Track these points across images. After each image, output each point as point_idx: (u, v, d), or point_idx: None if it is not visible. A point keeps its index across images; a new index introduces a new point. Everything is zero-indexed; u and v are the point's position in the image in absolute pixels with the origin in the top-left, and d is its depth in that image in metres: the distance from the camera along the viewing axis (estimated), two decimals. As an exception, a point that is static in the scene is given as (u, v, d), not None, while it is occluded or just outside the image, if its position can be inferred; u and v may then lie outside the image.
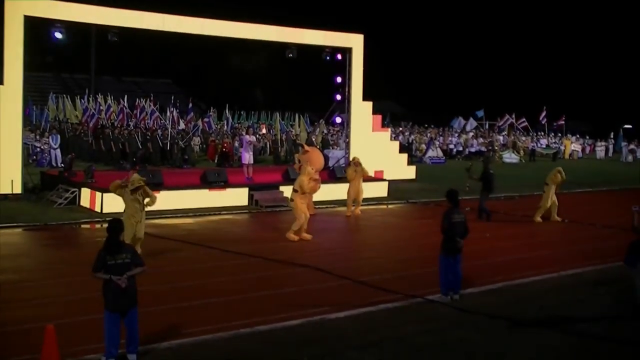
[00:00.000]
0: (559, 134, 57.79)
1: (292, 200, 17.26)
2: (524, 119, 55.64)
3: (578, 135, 58.86)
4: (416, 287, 12.68)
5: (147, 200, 14.46)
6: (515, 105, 57.18)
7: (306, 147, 22.73)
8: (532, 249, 17.00)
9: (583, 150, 56.35)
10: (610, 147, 57.40)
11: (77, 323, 10.17)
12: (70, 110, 44.17)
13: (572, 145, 54.49)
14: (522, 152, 48.77)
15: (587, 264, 15.26)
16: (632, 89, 69.26)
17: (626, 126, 62.24)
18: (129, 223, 13.78)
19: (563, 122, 56.77)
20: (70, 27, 22.42)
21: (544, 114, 55.51)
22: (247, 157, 24.58)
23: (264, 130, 40.59)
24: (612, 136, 58.64)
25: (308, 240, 17.02)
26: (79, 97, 48.08)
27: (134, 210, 14.13)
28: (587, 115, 70.46)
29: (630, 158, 52.38)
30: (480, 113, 57.49)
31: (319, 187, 21.00)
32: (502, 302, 12.15)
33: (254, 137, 30.46)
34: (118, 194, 14.49)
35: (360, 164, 21.51)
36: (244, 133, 36.90)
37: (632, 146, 54.42)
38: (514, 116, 55.00)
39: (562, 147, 53.36)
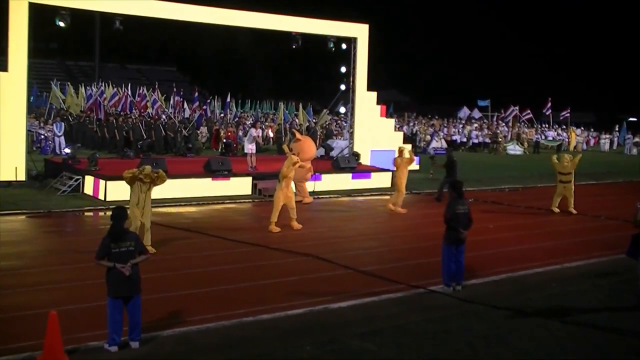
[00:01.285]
0: (564, 126, 57.64)
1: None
2: (528, 111, 55.54)
3: (582, 127, 58.71)
4: (419, 277, 12.70)
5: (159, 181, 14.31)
6: (520, 97, 57.04)
7: (298, 136, 22.68)
8: (535, 240, 16.98)
9: (587, 142, 56.17)
10: (615, 139, 57.25)
11: (80, 310, 10.21)
12: (72, 99, 44.02)
13: (577, 137, 54.33)
14: (526, 143, 48.65)
15: (590, 256, 15.26)
16: (638, 82, 69.07)
17: (631, 119, 62.04)
18: (134, 213, 13.78)
19: (568, 114, 56.65)
20: (75, 14, 22.37)
21: (548, 105, 55.38)
22: (250, 147, 24.59)
23: (271, 134, 40.19)
24: (617, 129, 58.50)
25: (298, 229, 16.98)
26: (83, 85, 48.01)
27: (138, 199, 14.04)
28: (591, 107, 70.34)
29: (634, 151, 52.23)
30: (484, 103, 57.28)
31: (311, 175, 20.99)
32: (504, 292, 12.16)
33: (260, 131, 30.43)
34: (129, 183, 14.34)
35: (402, 153, 20.77)
36: (247, 123, 36.89)
37: (636, 139, 54.24)
38: (517, 108, 54.87)
39: (567, 139, 53.20)
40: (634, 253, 11.66)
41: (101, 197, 19.79)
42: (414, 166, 30.31)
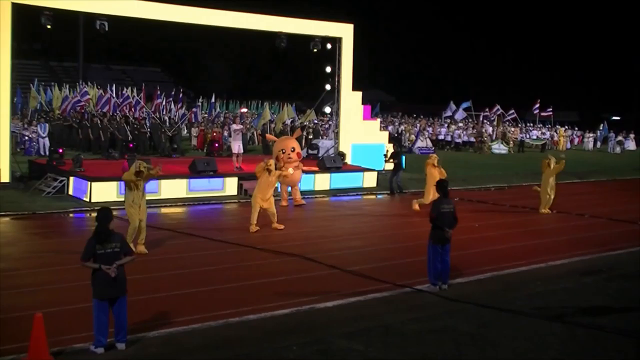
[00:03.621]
0: (548, 125, 57.97)
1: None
2: (512, 111, 55.82)
3: (567, 126, 59.10)
4: (405, 276, 12.72)
5: (153, 172, 14.25)
6: (505, 96, 57.30)
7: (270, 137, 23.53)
8: (520, 239, 17.05)
9: (571, 141, 56.48)
10: (600, 138, 57.65)
11: (65, 311, 10.15)
12: (57, 100, 43.67)
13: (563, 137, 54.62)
14: (511, 143, 48.85)
15: (575, 254, 15.33)
16: (621, 81, 69.57)
17: (614, 117, 62.45)
18: (133, 211, 13.76)
19: (550, 113, 57.03)
20: (59, 15, 22.22)
21: (537, 105, 55.70)
22: (237, 146, 24.52)
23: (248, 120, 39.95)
24: (601, 127, 58.91)
25: (281, 229, 16.93)
26: (67, 85, 47.66)
27: (135, 196, 13.97)
28: (575, 106, 70.77)
29: (618, 149, 52.59)
30: (466, 104, 57.42)
31: (300, 175, 21.18)
32: (490, 291, 12.20)
33: (241, 125, 30.39)
34: (128, 180, 14.26)
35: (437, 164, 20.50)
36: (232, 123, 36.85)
37: (619, 137, 54.62)
38: (499, 108, 55.16)
39: (552, 138, 53.43)
40: None
41: (86, 198, 19.67)
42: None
